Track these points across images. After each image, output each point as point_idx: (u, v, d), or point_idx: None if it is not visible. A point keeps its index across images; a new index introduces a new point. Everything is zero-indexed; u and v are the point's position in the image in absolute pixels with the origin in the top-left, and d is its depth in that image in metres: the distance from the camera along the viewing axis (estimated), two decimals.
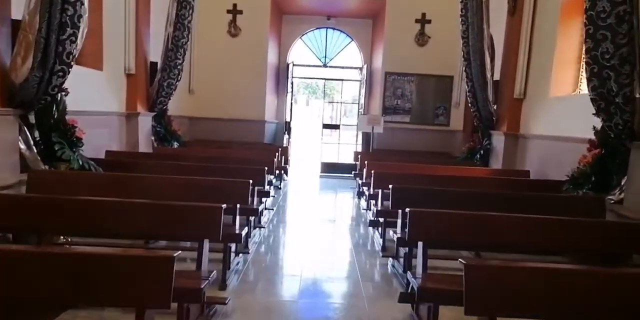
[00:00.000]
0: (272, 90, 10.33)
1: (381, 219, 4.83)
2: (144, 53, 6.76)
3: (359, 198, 7.86)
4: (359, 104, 10.90)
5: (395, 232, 3.92)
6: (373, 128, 8.36)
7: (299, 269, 4.32)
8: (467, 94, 7.06)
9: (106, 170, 4.96)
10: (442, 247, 3.70)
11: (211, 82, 9.64)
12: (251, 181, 3.94)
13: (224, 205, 2.91)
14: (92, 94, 5.69)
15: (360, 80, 10.80)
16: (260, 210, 4.66)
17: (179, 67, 6.89)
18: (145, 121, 6.85)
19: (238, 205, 3.88)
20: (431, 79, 9.70)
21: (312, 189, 9.34)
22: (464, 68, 7.01)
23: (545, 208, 4.10)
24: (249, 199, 4.57)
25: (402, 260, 4.18)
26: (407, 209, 3.00)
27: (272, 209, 6.56)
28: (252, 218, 4.71)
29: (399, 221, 3.93)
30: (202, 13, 9.39)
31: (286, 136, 10.06)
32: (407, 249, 3.67)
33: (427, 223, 3.03)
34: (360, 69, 10.76)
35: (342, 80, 11.05)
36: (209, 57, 9.59)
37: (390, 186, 4.00)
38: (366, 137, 10.10)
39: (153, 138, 7.14)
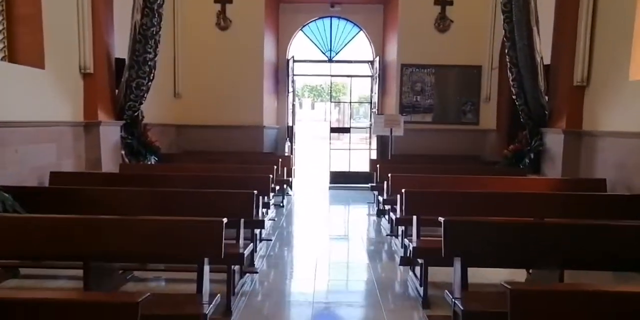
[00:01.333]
0: (270, 91, 8.98)
1: (420, 260, 3.43)
2: (106, 47, 5.43)
3: (379, 217, 6.46)
4: (370, 103, 9.50)
5: (452, 295, 2.50)
6: (391, 131, 6.96)
7: None
8: (511, 83, 5.63)
9: (43, 202, 3.65)
10: None
11: (200, 84, 8.31)
12: (225, 220, 2.55)
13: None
14: (30, 99, 4.37)
15: (372, 76, 9.41)
16: (245, 254, 3.28)
17: (149, 63, 5.54)
18: (110, 132, 5.51)
19: (206, 260, 2.50)
20: (455, 70, 8.29)
21: (321, 205, 7.93)
22: (506, 51, 5.60)
23: None
24: (233, 237, 3.24)
25: None
26: (505, 285, 1.62)
27: (270, 240, 5.15)
28: (235, 267, 3.33)
29: (457, 275, 2.53)
30: (185, 3, 8.09)
31: (288, 143, 8.66)
32: None
33: (532, 305, 1.65)
34: (372, 62, 9.37)
35: (350, 76, 9.66)
36: (196, 55, 8.28)
37: (442, 220, 2.59)
38: (382, 141, 8.70)
39: (123, 152, 5.81)
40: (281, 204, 7.24)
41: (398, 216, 4.26)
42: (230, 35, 8.34)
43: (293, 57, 9.06)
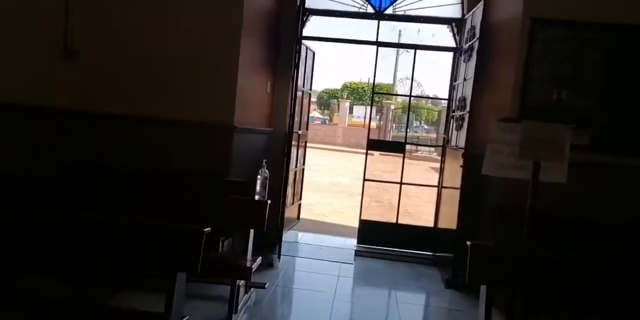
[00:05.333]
0: (257, 65, 4.71)
1: None
2: None
3: None
4: (450, 100, 5.07)
5: None
6: (538, 167, 2.47)
7: None
8: None
9: None
10: None
11: (116, 39, 4.16)
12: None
13: None
14: None
15: (457, 48, 4.98)
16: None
17: None
18: None
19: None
20: None
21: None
22: None
23: None
24: None
25: None
26: None
27: None
28: None
29: None
30: None
31: (265, 173, 4.16)
32: None
33: None
34: (458, 22, 4.95)
35: (414, 47, 5.16)
36: None
37: None
38: (476, 177, 4.19)
39: None
40: None
41: None
42: None
43: (304, 2, 4.73)
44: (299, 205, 6.01)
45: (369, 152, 5.30)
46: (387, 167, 10.04)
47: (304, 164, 5.93)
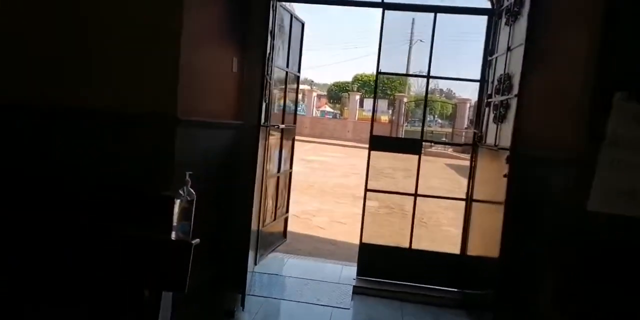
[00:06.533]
0: (214, 34, 3.40)
1: None
2: None
3: None
4: (485, 80, 3.72)
5: None
6: None
7: None
8: None
9: None
10: None
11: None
12: None
13: None
14: None
15: (495, 9, 3.62)
16: None
17: None
18: None
19: None
20: None
21: None
22: None
23: None
24: None
25: None
26: None
27: None
28: None
29: None
30: None
31: (181, 198, 2.78)
32: None
33: None
34: None
35: (434, 10, 3.75)
36: None
37: None
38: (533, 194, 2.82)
39: None
40: None
41: None
42: None
43: None
44: (285, 219, 4.72)
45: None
46: (399, 164, 8.63)
47: (290, 167, 4.63)
